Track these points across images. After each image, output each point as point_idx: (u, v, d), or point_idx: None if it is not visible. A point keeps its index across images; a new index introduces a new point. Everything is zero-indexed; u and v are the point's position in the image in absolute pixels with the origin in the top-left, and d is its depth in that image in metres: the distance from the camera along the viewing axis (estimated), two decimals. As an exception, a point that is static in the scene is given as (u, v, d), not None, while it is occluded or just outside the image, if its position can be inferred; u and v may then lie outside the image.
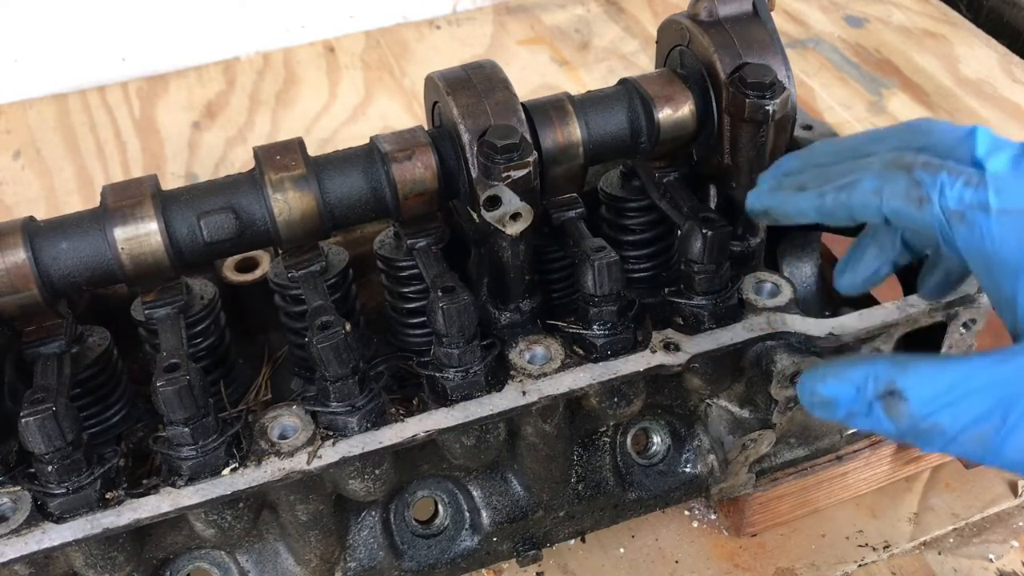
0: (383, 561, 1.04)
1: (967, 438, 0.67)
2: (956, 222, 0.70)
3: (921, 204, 0.72)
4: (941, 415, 0.68)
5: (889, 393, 0.70)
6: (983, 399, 0.67)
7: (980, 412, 0.67)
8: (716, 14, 1.04)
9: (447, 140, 1.00)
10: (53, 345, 0.97)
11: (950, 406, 0.68)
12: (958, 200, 0.70)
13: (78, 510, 0.87)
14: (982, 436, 0.67)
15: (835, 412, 0.73)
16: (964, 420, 0.67)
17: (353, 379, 0.91)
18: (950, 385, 0.68)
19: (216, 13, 1.98)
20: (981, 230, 0.69)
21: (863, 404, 0.71)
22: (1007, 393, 0.66)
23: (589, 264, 0.96)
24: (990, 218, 0.69)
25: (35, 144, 1.84)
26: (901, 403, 0.69)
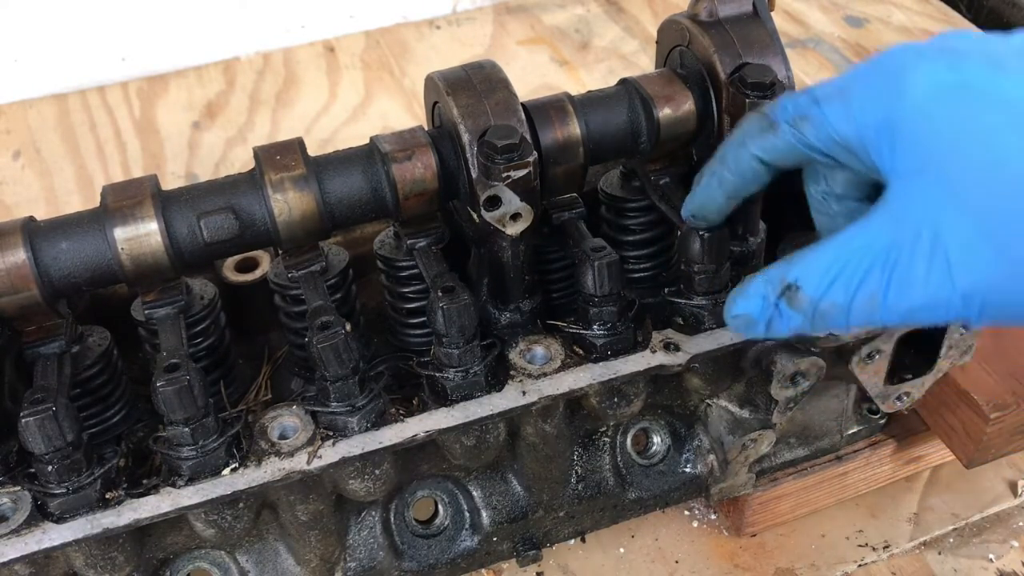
0: (383, 561, 1.04)
1: (859, 304, 0.71)
2: (802, 124, 0.78)
3: (773, 128, 0.80)
4: (832, 291, 0.72)
5: (787, 288, 0.75)
6: (860, 263, 0.71)
7: (861, 276, 0.71)
8: (716, 14, 1.04)
9: (447, 140, 1.00)
10: (53, 345, 0.97)
11: (836, 279, 0.72)
12: (795, 106, 0.78)
13: (78, 510, 0.87)
14: (869, 297, 0.71)
15: (755, 326, 0.78)
16: (851, 288, 0.72)
17: (353, 379, 0.91)
18: (831, 262, 0.73)
19: (216, 13, 1.98)
20: (820, 119, 0.76)
21: (771, 308, 0.76)
22: (877, 250, 0.71)
23: (589, 264, 0.96)
24: (822, 106, 0.76)
25: (35, 144, 1.84)
26: (799, 293, 0.74)
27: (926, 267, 0.68)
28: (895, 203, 0.71)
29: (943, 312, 0.69)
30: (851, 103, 0.74)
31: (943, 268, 0.67)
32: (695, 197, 0.92)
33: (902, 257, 0.69)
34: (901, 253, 0.69)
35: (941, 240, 0.67)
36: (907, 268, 0.69)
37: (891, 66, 0.72)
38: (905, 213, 0.70)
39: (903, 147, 0.71)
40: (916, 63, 0.71)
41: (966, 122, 0.68)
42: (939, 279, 0.68)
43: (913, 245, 0.69)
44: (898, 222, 0.70)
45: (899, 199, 0.71)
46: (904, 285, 0.69)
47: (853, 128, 0.74)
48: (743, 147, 0.84)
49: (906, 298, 0.69)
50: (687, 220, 0.96)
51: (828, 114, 0.76)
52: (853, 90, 0.75)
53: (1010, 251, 0.65)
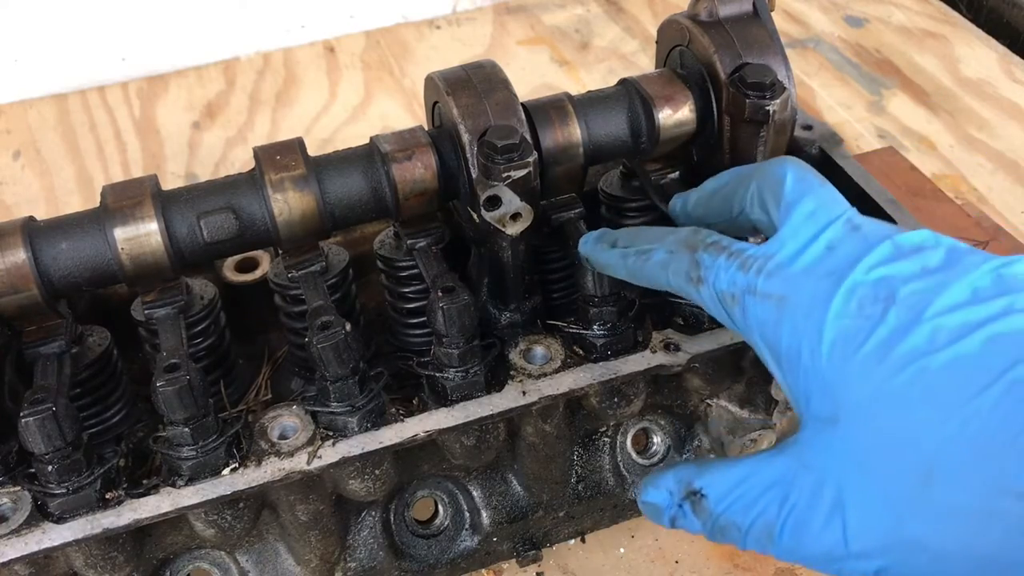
0: (383, 561, 1.04)
1: (755, 531, 0.70)
2: (729, 304, 0.74)
3: (698, 284, 0.76)
4: (733, 511, 0.71)
5: (692, 493, 0.73)
6: (763, 493, 0.69)
7: (762, 506, 0.69)
8: (716, 14, 1.04)
9: (447, 140, 1.00)
10: (53, 345, 0.97)
11: (739, 500, 0.71)
12: (730, 283, 0.74)
13: (78, 510, 0.87)
14: (766, 528, 0.69)
15: (661, 517, 0.76)
16: (751, 514, 0.70)
17: (353, 379, 0.91)
18: (737, 481, 0.71)
19: (216, 13, 1.98)
20: (748, 314, 0.72)
21: (675, 507, 0.74)
22: (780, 486, 0.69)
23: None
24: (756, 302, 0.72)
25: (35, 144, 1.84)
26: (703, 501, 0.73)
27: (823, 522, 0.66)
28: (803, 446, 0.69)
29: (836, 566, 0.67)
30: (783, 320, 0.70)
31: (839, 528, 0.65)
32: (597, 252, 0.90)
33: (801, 503, 0.67)
34: (801, 499, 0.67)
35: (841, 501, 0.65)
36: (805, 516, 0.67)
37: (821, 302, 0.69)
38: (812, 461, 0.68)
39: (819, 391, 0.68)
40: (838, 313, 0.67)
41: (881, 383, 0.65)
42: (835, 538, 0.66)
43: (814, 496, 0.67)
44: (803, 467, 0.68)
45: (807, 443, 0.69)
46: (799, 531, 0.67)
47: (777, 344, 0.71)
48: (664, 271, 0.80)
49: (800, 544, 0.68)
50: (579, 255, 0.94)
51: (759, 316, 0.71)
52: (791, 305, 0.70)
53: (907, 532, 0.63)
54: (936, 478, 0.62)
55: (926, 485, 0.62)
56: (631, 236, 0.86)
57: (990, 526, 0.60)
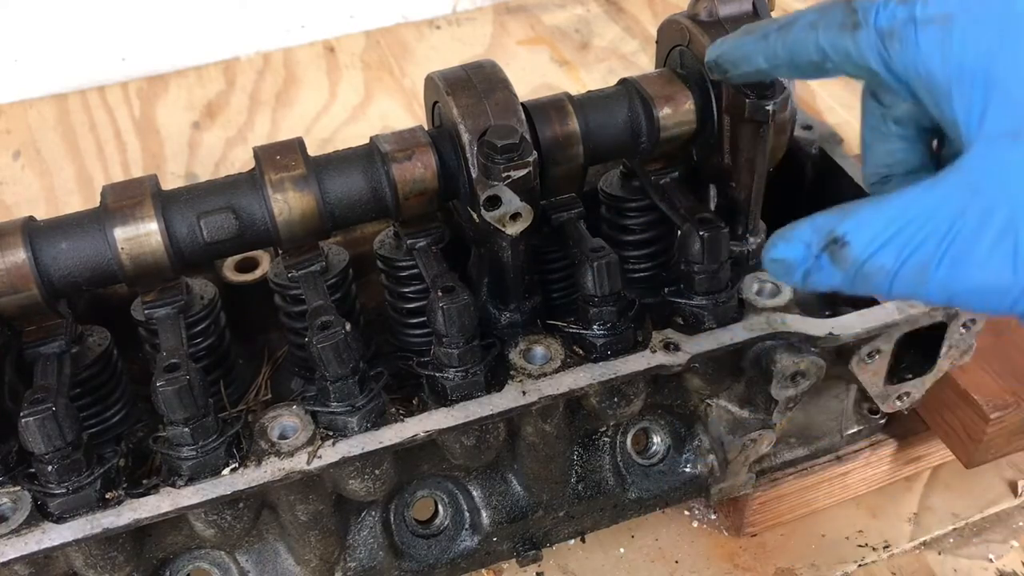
0: (383, 561, 1.04)
1: (907, 273, 0.65)
2: (889, 41, 0.68)
3: (856, 29, 0.70)
4: (882, 254, 0.66)
5: (833, 241, 0.68)
6: (919, 229, 0.65)
7: (917, 242, 0.65)
8: (716, 14, 1.04)
9: (447, 140, 1.00)
10: (53, 345, 0.97)
11: (889, 243, 0.66)
12: (890, 17, 0.68)
13: (78, 510, 0.87)
14: (919, 267, 0.64)
15: (793, 273, 0.72)
16: (903, 254, 0.65)
17: (353, 379, 0.91)
18: (887, 222, 0.66)
19: (216, 13, 1.98)
20: (912, 44, 0.67)
21: (812, 259, 0.70)
22: (939, 218, 0.64)
23: (589, 264, 0.96)
24: (919, 30, 0.67)
25: (35, 144, 1.84)
26: (844, 249, 0.68)
27: (990, 248, 0.61)
28: (973, 169, 0.63)
29: (996, 300, 0.62)
30: (952, 37, 0.64)
31: (1009, 254, 0.60)
32: (734, 46, 0.81)
33: (966, 231, 0.62)
34: (966, 226, 0.62)
35: (1016, 223, 0.60)
36: (969, 245, 0.62)
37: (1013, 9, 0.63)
38: (982, 183, 0.62)
39: (999, 106, 0.62)
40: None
41: None
42: (1001, 264, 0.61)
43: (982, 221, 0.61)
44: (972, 191, 0.62)
45: (979, 165, 0.63)
46: (961, 262, 0.62)
47: (946, 67, 0.65)
48: (813, 31, 0.73)
49: (960, 277, 0.63)
50: (708, 62, 0.86)
51: (922, 41, 0.66)
52: (959, 22, 0.64)
53: None
54: None
55: None
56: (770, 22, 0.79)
57: None
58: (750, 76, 0.82)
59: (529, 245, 0.99)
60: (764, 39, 0.77)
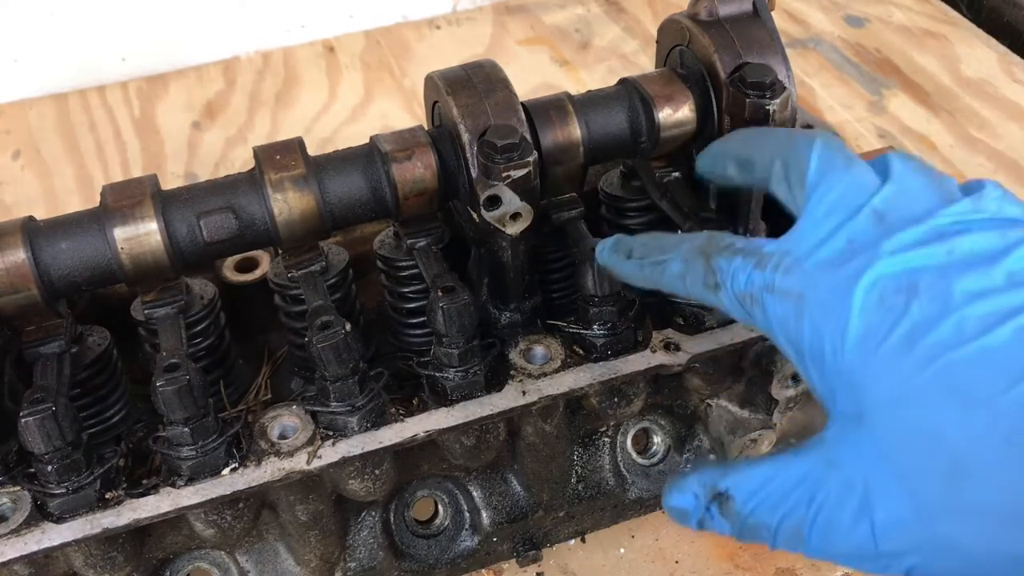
0: (383, 561, 1.04)
1: (784, 531, 0.69)
2: (748, 305, 0.72)
3: (716, 290, 0.74)
4: (761, 511, 0.69)
5: (718, 495, 0.72)
6: (790, 492, 0.68)
7: (789, 506, 0.68)
8: (716, 14, 1.04)
9: (447, 140, 1.00)
10: (53, 345, 0.97)
11: (766, 500, 0.69)
12: (746, 283, 0.71)
13: (78, 510, 0.87)
14: (794, 529, 0.68)
15: (689, 521, 0.75)
16: (779, 514, 0.68)
17: (353, 379, 0.91)
18: (763, 481, 0.69)
19: (216, 13, 1.98)
20: (769, 313, 0.70)
21: (702, 510, 0.73)
22: (807, 486, 0.67)
23: (589, 264, 0.96)
24: (774, 300, 0.70)
25: (35, 144, 1.84)
26: (729, 502, 0.71)
27: (851, 521, 0.65)
28: (830, 445, 0.68)
29: (868, 566, 0.66)
30: (803, 318, 0.68)
31: (867, 528, 0.64)
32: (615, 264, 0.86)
33: (829, 503, 0.66)
34: (829, 498, 0.66)
35: (869, 501, 0.64)
36: (834, 516, 0.66)
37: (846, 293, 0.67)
38: (838, 459, 0.66)
39: (843, 388, 0.66)
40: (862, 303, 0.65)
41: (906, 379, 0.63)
42: (863, 537, 0.64)
43: (842, 495, 0.66)
44: (831, 466, 0.67)
45: (835, 443, 0.67)
46: (828, 531, 0.66)
47: (799, 341, 0.69)
48: (681, 280, 0.77)
49: (830, 543, 0.66)
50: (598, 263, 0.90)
51: (777, 313, 0.70)
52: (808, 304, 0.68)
53: (937, 531, 0.61)
54: (965, 476, 0.60)
55: (955, 484, 0.61)
56: (646, 245, 0.84)
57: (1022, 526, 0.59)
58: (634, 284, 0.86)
59: (529, 245, 0.99)
60: (640, 269, 0.82)
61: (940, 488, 0.61)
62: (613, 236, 0.88)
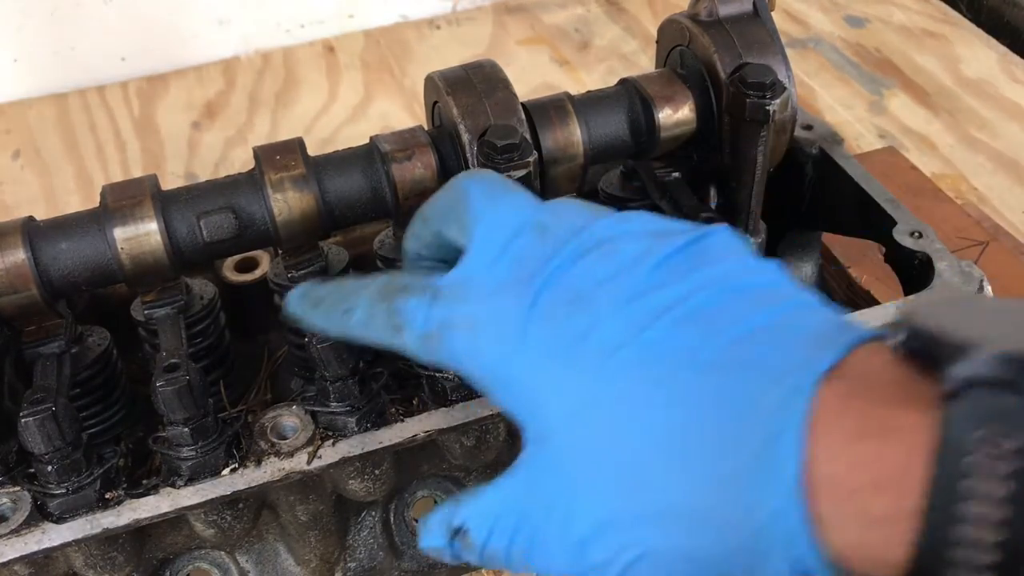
0: (383, 561, 1.04)
1: (515, 558, 0.67)
2: (429, 343, 0.70)
3: (400, 331, 0.71)
4: (492, 541, 0.68)
5: (456, 531, 0.70)
6: (509, 519, 0.67)
7: (511, 532, 0.67)
8: (716, 14, 1.04)
9: (447, 140, 1.00)
10: (53, 345, 0.97)
11: (493, 530, 0.68)
12: (426, 321, 0.69)
13: (78, 510, 0.87)
14: (522, 554, 0.67)
15: (446, 557, 0.73)
16: (505, 542, 0.67)
17: (353, 379, 0.91)
18: (488, 509, 0.68)
19: (216, 13, 1.98)
20: (452, 348, 0.68)
21: (448, 545, 0.71)
22: (520, 510, 0.66)
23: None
24: (453, 335, 0.68)
25: (35, 144, 1.84)
26: (467, 536, 0.69)
27: (559, 540, 0.64)
28: (530, 467, 0.67)
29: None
30: (479, 344, 0.66)
31: (574, 544, 0.63)
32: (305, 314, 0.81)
33: (540, 524, 0.65)
34: (538, 520, 0.65)
35: (569, 518, 0.63)
36: (544, 536, 0.65)
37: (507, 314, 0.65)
38: (537, 481, 0.65)
39: (528, 410, 0.65)
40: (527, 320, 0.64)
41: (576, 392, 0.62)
42: (572, 554, 0.63)
43: (548, 515, 0.64)
44: (533, 488, 0.66)
45: (529, 465, 0.67)
46: (545, 551, 0.65)
47: (480, 370, 0.67)
48: (367, 330, 0.74)
49: (549, 563, 0.65)
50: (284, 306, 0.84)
51: (456, 344, 0.68)
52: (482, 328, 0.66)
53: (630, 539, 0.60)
54: (637, 481, 0.60)
55: (635, 491, 0.60)
56: (332, 294, 0.79)
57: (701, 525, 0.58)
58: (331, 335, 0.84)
59: (529, 245, 0.99)
60: (328, 320, 0.78)
61: (623, 497, 0.60)
62: (303, 284, 0.83)
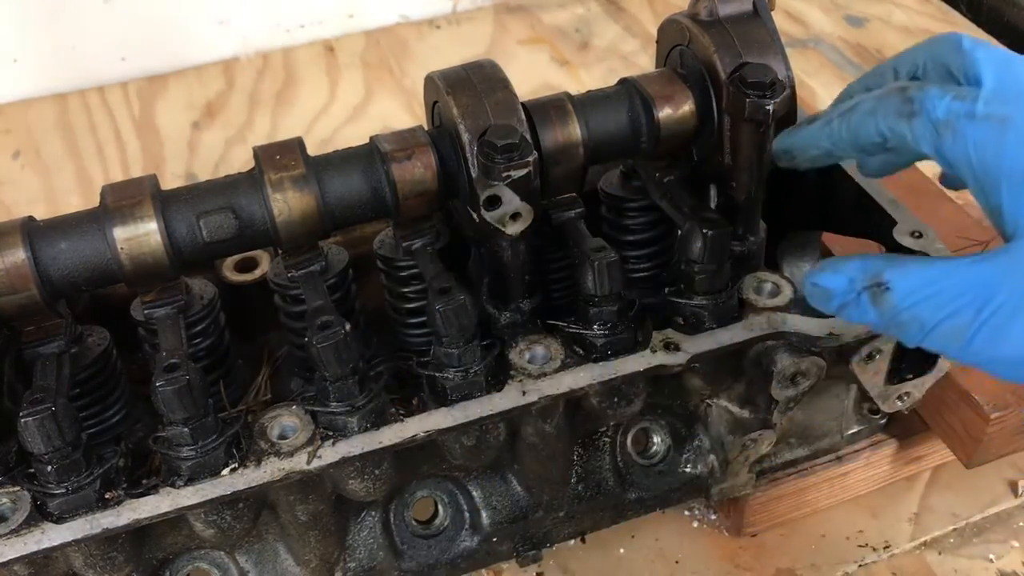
0: (383, 561, 1.04)
1: (942, 331, 0.71)
2: (944, 131, 0.73)
3: (911, 118, 0.76)
4: (921, 307, 0.72)
5: (876, 284, 0.74)
6: (959, 295, 0.70)
7: (956, 307, 0.70)
8: (716, 14, 1.04)
9: (447, 140, 0.99)
10: (52, 345, 0.97)
11: (929, 299, 0.71)
12: (946, 110, 0.74)
13: (78, 510, 0.87)
14: (955, 329, 0.70)
15: (830, 302, 0.78)
16: (941, 314, 0.71)
17: (353, 379, 0.91)
18: (931, 279, 0.72)
19: (216, 13, 1.98)
20: (966, 137, 0.72)
21: (853, 294, 0.76)
22: (981, 291, 0.70)
23: (589, 264, 0.96)
24: (975, 125, 0.72)
25: (35, 144, 1.84)
26: (886, 293, 0.73)
27: None
28: (1017, 256, 0.70)
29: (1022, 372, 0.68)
30: (1007, 137, 0.70)
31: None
32: (798, 135, 0.90)
33: (1006, 307, 0.68)
34: (1007, 303, 0.68)
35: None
36: (1008, 320, 0.68)
37: None
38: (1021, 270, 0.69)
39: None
40: None
41: None
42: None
43: (1020, 303, 0.68)
44: (1011, 274, 0.69)
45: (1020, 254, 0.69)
46: (997, 334, 0.68)
47: (998, 163, 0.71)
48: (872, 116, 0.79)
49: (994, 347, 0.69)
50: (776, 151, 0.93)
51: (977, 136, 0.72)
52: (1015, 124, 0.70)
53: None
54: None
55: None
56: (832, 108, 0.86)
57: None
58: (817, 160, 0.90)
59: (529, 245, 0.99)
60: (828, 125, 0.85)
61: None
62: None
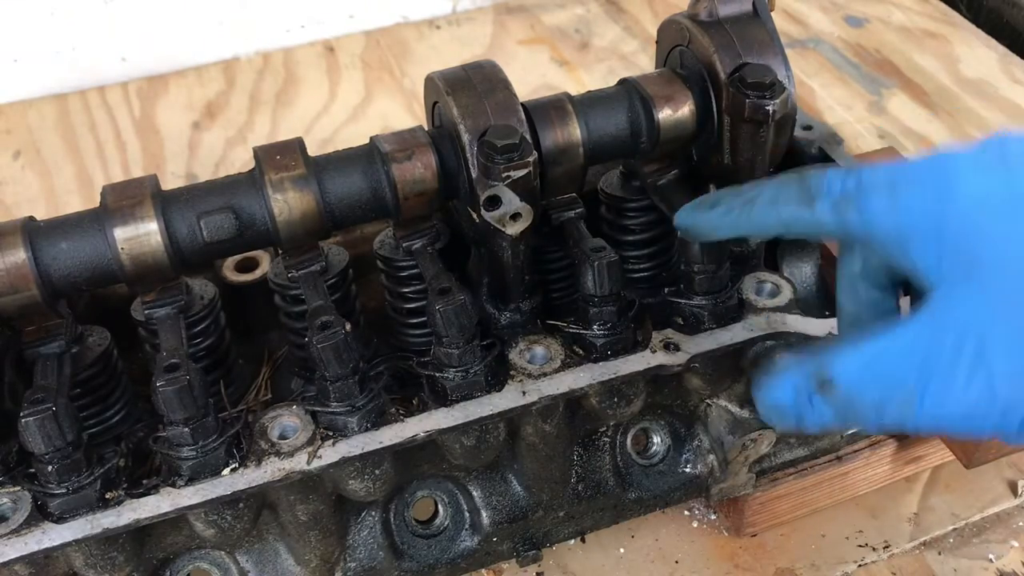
0: (383, 561, 1.04)
1: (894, 403, 0.71)
2: (844, 209, 0.75)
3: (812, 203, 0.78)
4: (869, 388, 0.72)
5: (821, 383, 0.74)
6: (900, 363, 0.70)
7: (900, 376, 0.70)
8: (716, 14, 1.04)
9: (447, 140, 1.00)
10: (53, 345, 0.97)
11: (875, 377, 0.72)
12: (841, 188, 0.76)
13: (78, 510, 0.87)
14: (905, 398, 0.70)
15: (788, 417, 0.77)
16: (888, 386, 0.71)
17: (353, 379, 0.91)
18: (870, 359, 0.72)
19: (216, 13, 1.98)
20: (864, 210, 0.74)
21: (804, 402, 0.75)
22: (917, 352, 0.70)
23: (589, 264, 0.96)
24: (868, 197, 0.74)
25: (35, 144, 1.84)
26: (833, 388, 0.73)
27: (967, 377, 0.67)
28: (938, 309, 0.70)
29: (979, 423, 0.68)
30: (898, 199, 0.73)
31: (985, 380, 0.67)
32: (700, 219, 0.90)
33: (942, 364, 0.68)
34: (941, 360, 0.68)
35: (985, 352, 0.67)
36: (947, 376, 0.68)
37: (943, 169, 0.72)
38: (948, 320, 0.69)
39: (949, 252, 0.70)
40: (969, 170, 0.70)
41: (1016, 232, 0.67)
42: (979, 391, 0.67)
43: (955, 353, 0.68)
44: (941, 329, 0.69)
45: (943, 305, 0.70)
46: (942, 393, 0.68)
47: (896, 224, 0.73)
48: (774, 206, 0.81)
49: (943, 406, 0.69)
50: (678, 229, 0.94)
51: (873, 204, 0.74)
52: (901, 186, 0.73)
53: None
54: None
55: None
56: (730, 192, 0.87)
57: None
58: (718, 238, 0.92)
59: (529, 245, 0.99)
60: (729, 213, 0.86)
61: None
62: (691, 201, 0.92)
